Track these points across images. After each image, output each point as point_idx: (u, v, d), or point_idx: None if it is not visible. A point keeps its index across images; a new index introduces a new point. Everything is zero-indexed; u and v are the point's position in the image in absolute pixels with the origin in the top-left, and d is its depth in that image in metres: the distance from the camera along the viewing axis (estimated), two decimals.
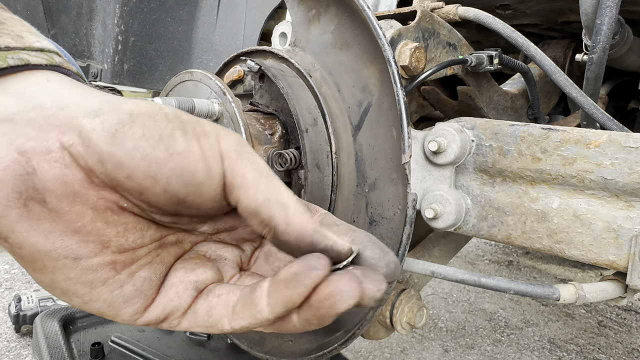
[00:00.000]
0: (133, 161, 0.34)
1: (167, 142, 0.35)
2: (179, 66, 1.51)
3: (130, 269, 0.39)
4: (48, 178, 0.33)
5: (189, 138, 0.36)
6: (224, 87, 0.66)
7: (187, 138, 0.36)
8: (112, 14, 1.52)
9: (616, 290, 0.69)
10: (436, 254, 1.00)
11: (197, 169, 0.36)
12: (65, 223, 0.35)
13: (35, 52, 0.37)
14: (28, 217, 0.34)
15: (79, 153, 0.34)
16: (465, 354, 2.14)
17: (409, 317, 0.79)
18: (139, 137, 0.34)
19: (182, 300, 0.41)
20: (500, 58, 0.88)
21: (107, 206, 0.37)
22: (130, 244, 0.39)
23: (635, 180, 0.63)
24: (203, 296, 0.41)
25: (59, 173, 0.34)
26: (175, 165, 0.35)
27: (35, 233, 0.34)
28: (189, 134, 0.36)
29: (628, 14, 1.11)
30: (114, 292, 0.38)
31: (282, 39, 0.84)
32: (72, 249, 0.36)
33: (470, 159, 0.77)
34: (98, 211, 0.36)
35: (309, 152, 0.67)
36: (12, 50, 0.35)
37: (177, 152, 0.35)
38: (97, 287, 0.37)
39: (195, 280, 0.42)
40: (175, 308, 0.41)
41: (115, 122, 0.34)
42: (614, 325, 2.47)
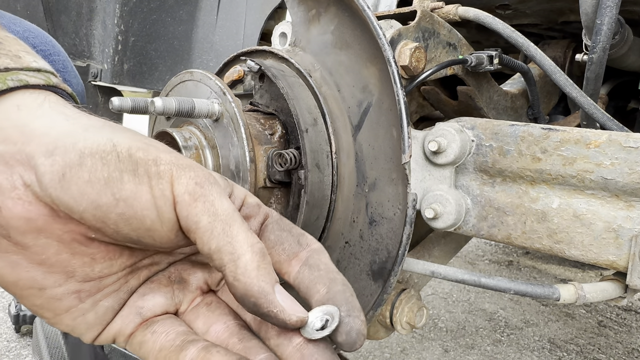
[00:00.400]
0: (80, 206, 0.34)
1: (114, 186, 0.34)
2: (179, 66, 1.51)
3: (95, 298, 0.40)
4: (12, 216, 0.34)
5: (139, 182, 0.35)
6: (224, 87, 0.66)
7: (136, 182, 0.35)
8: (112, 14, 1.52)
9: (616, 290, 0.69)
10: (436, 254, 1.00)
11: (146, 216, 0.35)
12: (30, 255, 0.36)
13: (33, 72, 0.37)
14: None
15: (37, 193, 0.34)
16: (465, 354, 2.14)
17: (409, 317, 0.79)
18: (84, 182, 0.34)
19: (124, 325, 0.41)
20: (500, 58, 0.88)
21: (73, 238, 0.37)
22: (96, 273, 0.39)
23: (635, 180, 0.63)
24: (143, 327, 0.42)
25: (22, 210, 0.34)
26: (121, 212, 0.35)
27: (3, 264, 0.35)
28: (140, 177, 0.35)
29: (628, 14, 1.11)
30: (76, 319, 0.39)
31: (282, 39, 0.84)
32: (37, 280, 0.37)
33: (470, 159, 0.77)
34: (64, 243, 0.37)
35: (309, 152, 0.67)
36: (11, 72, 0.36)
37: (122, 198, 0.34)
38: (60, 314, 0.39)
39: (141, 306, 0.42)
40: (118, 332, 0.41)
41: (63, 165, 0.34)
42: (614, 325, 2.47)
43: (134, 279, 0.42)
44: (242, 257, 0.35)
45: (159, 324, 0.41)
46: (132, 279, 0.42)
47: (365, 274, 0.70)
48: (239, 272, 0.35)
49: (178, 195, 0.36)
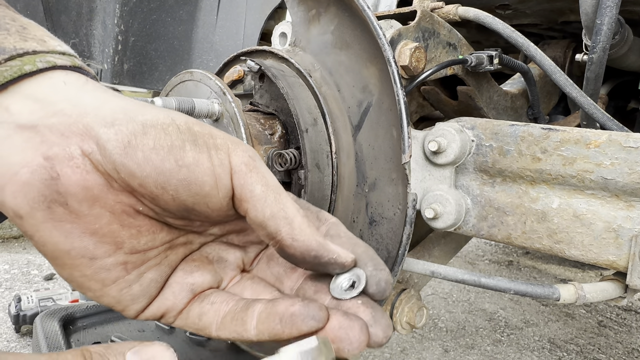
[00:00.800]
0: (144, 172, 0.36)
1: (177, 154, 0.37)
2: (179, 66, 1.51)
3: (140, 270, 0.41)
4: (70, 183, 0.35)
5: (199, 150, 0.37)
6: (224, 87, 0.66)
7: (197, 150, 0.37)
8: (112, 14, 1.52)
9: (616, 290, 0.69)
10: (436, 254, 1.00)
11: (205, 182, 0.38)
12: (84, 225, 0.37)
13: (59, 54, 0.39)
14: (51, 218, 0.36)
15: (97, 161, 0.36)
16: (465, 354, 2.14)
17: (409, 317, 0.79)
18: (149, 149, 0.36)
19: (177, 301, 0.43)
20: (500, 58, 0.88)
21: (123, 209, 0.39)
22: (142, 246, 0.41)
23: (635, 180, 0.63)
24: (198, 300, 0.43)
25: (80, 178, 0.36)
26: (183, 177, 0.37)
27: (57, 233, 0.36)
28: (200, 146, 0.38)
29: (628, 14, 1.11)
30: (122, 290, 0.41)
31: (282, 39, 0.84)
32: (89, 249, 0.38)
33: (470, 159, 0.77)
34: (115, 214, 0.38)
35: (309, 152, 0.68)
36: (39, 54, 0.38)
37: (185, 164, 0.37)
38: (108, 285, 0.40)
39: (192, 282, 0.44)
40: (170, 307, 0.43)
41: (128, 133, 0.36)
42: (614, 325, 2.47)
43: (173, 254, 0.44)
44: (295, 220, 0.39)
45: (214, 295, 0.43)
46: (172, 255, 0.44)
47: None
48: (296, 232, 0.38)
49: (235, 165, 0.38)
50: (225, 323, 0.41)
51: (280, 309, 0.38)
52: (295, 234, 0.39)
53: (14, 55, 0.36)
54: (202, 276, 0.44)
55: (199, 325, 0.42)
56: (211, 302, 0.42)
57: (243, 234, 0.47)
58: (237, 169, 0.39)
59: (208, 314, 0.42)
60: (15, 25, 0.39)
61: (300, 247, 0.39)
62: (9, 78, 0.36)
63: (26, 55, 0.37)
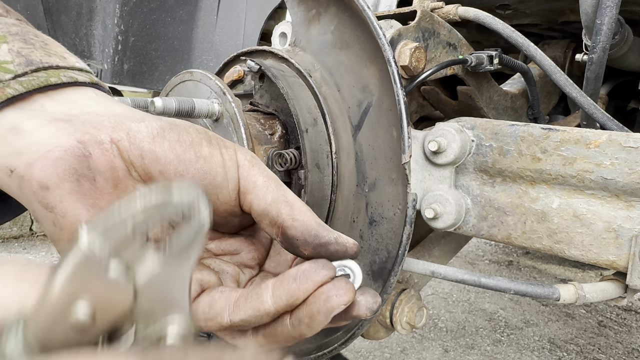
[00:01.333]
0: (167, 158, 0.40)
1: (196, 147, 0.42)
2: (179, 66, 1.51)
3: None
4: (100, 162, 0.39)
5: (213, 147, 0.43)
6: (223, 87, 0.66)
7: (211, 147, 0.43)
8: (112, 14, 1.52)
9: (616, 290, 0.69)
10: (436, 254, 1.00)
11: (218, 172, 0.42)
12: (106, 203, 0.40)
13: (78, 71, 0.44)
14: (77, 190, 0.38)
15: (124, 147, 0.39)
16: (465, 354, 2.14)
17: (409, 317, 0.79)
18: (175, 141, 0.41)
19: None
20: (500, 58, 0.88)
21: None
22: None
23: (635, 180, 0.63)
24: (206, 292, 0.44)
25: (108, 159, 0.39)
26: (200, 167, 0.41)
27: (80, 205, 0.38)
28: (213, 144, 0.43)
29: (628, 14, 1.11)
30: None
31: (282, 39, 0.84)
32: None
33: (470, 159, 0.77)
34: None
35: (309, 152, 0.67)
36: (62, 69, 0.42)
37: (202, 156, 0.42)
38: None
39: (201, 279, 0.44)
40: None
41: (157, 127, 0.41)
42: (614, 325, 2.47)
43: None
44: (296, 203, 0.42)
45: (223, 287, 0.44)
46: None
47: (365, 274, 0.70)
48: (296, 213, 0.41)
49: (240, 161, 0.43)
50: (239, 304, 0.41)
51: (292, 272, 0.39)
52: (295, 214, 0.41)
53: (40, 67, 0.41)
54: (209, 276, 0.45)
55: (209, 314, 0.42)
56: (220, 291, 0.43)
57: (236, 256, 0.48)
58: (242, 164, 0.43)
59: (219, 301, 0.42)
60: (38, 41, 0.44)
61: (300, 227, 0.40)
62: (36, 86, 0.40)
63: (50, 69, 0.42)
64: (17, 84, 0.40)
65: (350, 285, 0.38)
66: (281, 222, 0.41)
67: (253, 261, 0.48)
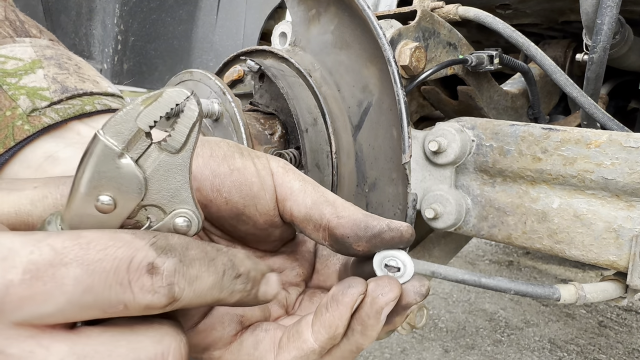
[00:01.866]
0: (203, 175, 0.40)
1: (229, 160, 0.41)
2: (178, 66, 1.51)
3: None
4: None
5: (245, 158, 0.42)
6: (223, 87, 0.66)
7: (243, 158, 0.42)
8: (112, 13, 1.51)
9: (616, 291, 0.68)
10: (436, 254, 1.00)
11: (253, 182, 0.41)
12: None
13: (110, 97, 0.45)
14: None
15: None
16: (466, 354, 2.14)
17: (409, 318, 0.78)
18: (208, 156, 0.40)
19: (226, 331, 0.41)
20: (500, 58, 0.88)
21: None
22: None
23: (636, 180, 0.63)
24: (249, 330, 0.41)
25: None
26: (235, 179, 0.41)
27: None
28: (245, 156, 0.42)
29: (628, 13, 1.11)
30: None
31: (282, 39, 0.84)
32: None
33: (471, 158, 0.77)
34: None
35: (309, 152, 0.67)
36: (95, 96, 0.43)
37: (236, 168, 0.41)
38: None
39: (242, 314, 0.42)
40: (218, 338, 0.41)
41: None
42: (614, 326, 2.47)
43: None
44: (337, 201, 0.40)
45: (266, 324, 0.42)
46: None
47: None
48: (339, 210, 0.40)
49: (274, 168, 0.42)
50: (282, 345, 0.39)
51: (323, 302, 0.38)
52: (339, 212, 0.39)
53: (75, 95, 0.42)
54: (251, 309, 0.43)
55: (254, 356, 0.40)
56: (265, 329, 0.41)
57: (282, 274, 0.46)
58: (276, 171, 0.42)
59: (264, 341, 0.40)
60: (72, 65, 0.44)
61: (347, 223, 0.39)
62: (72, 115, 0.40)
63: (85, 96, 0.42)
64: (53, 112, 0.40)
65: (394, 280, 0.37)
66: (326, 223, 0.39)
67: (298, 277, 0.47)
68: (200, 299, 0.31)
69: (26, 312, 0.26)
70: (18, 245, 0.27)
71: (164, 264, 0.28)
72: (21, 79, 0.41)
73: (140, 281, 0.28)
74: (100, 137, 0.30)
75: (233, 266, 0.33)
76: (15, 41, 0.43)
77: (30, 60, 0.42)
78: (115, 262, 0.27)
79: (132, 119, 0.30)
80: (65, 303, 0.27)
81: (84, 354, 0.28)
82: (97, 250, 0.27)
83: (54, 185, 0.33)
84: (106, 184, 0.30)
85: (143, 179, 0.31)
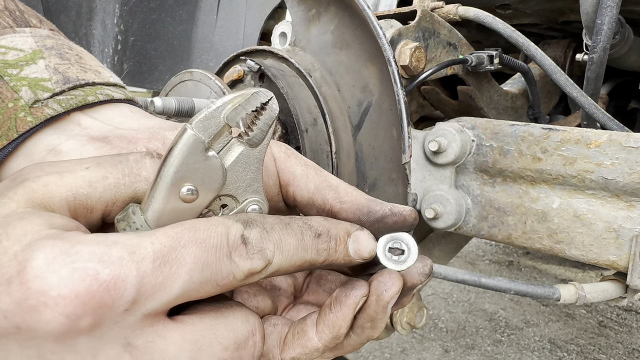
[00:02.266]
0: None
1: None
2: (178, 66, 1.51)
3: None
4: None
5: None
6: (223, 87, 0.66)
7: None
8: (112, 13, 1.51)
9: (617, 291, 0.68)
10: (436, 254, 1.00)
11: None
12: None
13: (113, 87, 0.44)
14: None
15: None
16: (466, 354, 2.14)
17: (409, 318, 0.78)
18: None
19: None
20: (500, 58, 0.88)
21: None
22: None
23: (636, 180, 0.63)
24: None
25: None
26: None
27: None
28: None
29: (628, 13, 1.11)
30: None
31: (282, 39, 0.84)
32: None
33: (471, 158, 0.77)
34: None
35: (309, 152, 0.67)
36: (97, 86, 0.43)
37: None
38: None
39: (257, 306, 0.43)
40: None
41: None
42: (614, 326, 2.47)
43: None
44: (340, 185, 0.40)
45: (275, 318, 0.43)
46: None
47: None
48: (341, 195, 0.40)
49: (276, 154, 0.42)
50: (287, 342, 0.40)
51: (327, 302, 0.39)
52: (341, 197, 0.39)
53: (77, 85, 0.41)
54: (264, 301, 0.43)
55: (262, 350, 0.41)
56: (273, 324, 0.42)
57: None
58: (277, 157, 0.42)
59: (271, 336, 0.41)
60: (73, 55, 0.44)
61: (350, 207, 0.39)
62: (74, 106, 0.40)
63: (87, 86, 0.42)
64: (56, 103, 0.40)
65: (395, 273, 0.37)
66: (329, 208, 0.40)
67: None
68: (291, 260, 0.33)
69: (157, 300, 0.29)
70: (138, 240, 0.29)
71: (250, 233, 0.32)
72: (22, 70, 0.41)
73: (238, 251, 0.31)
74: (189, 130, 0.32)
75: (310, 227, 0.35)
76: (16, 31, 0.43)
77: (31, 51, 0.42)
78: (219, 237, 0.30)
79: (219, 115, 0.32)
80: (189, 281, 0.29)
81: (194, 339, 0.31)
82: (203, 230, 0.30)
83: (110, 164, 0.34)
84: (192, 175, 0.32)
85: (224, 170, 0.34)
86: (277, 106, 0.35)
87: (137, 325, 0.29)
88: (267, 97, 0.34)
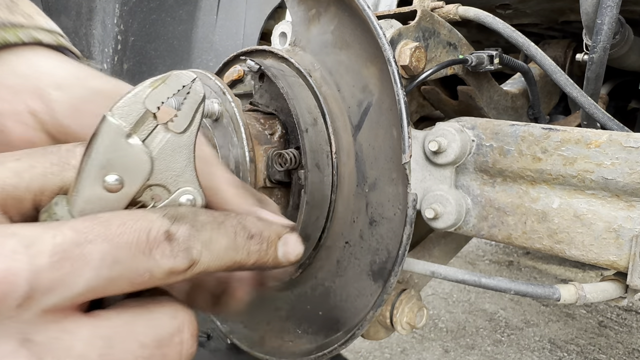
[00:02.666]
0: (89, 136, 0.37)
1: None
2: (178, 66, 1.51)
3: None
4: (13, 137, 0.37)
5: None
6: (223, 87, 0.66)
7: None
8: (112, 13, 1.51)
9: (617, 291, 0.68)
10: (436, 254, 1.00)
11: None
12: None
13: (44, 31, 0.41)
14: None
15: (45, 121, 0.37)
16: (466, 354, 2.14)
17: (409, 318, 0.78)
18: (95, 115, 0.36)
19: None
20: (500, 58, 0.88)
21: None
22: None
23: (636, 180, 0.63)
24: None
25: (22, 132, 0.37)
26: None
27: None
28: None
29: (628, 13, 1.11)
30: None
31: (282, 39, 0.84)
32: None
33: (471, 158, 0.77)
34: None
35: (309, 152, 0.67)
36: (24, 28, 0.40)
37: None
38: None
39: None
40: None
41: (75, 97, 0.38)
42: (614, 326, 2.47)
43: None
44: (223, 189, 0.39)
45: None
46: None
47: (366, 274, 0.69)
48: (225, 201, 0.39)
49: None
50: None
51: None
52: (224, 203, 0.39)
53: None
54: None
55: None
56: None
57: None
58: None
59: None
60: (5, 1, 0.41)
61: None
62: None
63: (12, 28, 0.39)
64: None
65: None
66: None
67: None
68: (219, 261, 0.32)
69: (57, 296, 0.27)
70: (39, 232, 0.27)
71: (178, 230, 0.30)
72: None
73: (160, 248, 0.29)
74: (108, 118, 0.30)
75: (244, 227, 0.34)
76: None
77: None
78: (136, 233, 0.29)
79: (140, 101, 0.31)
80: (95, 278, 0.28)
81: (107, 335, 0.29)
82: (117, 226, 0.28)
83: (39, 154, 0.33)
84: (114, 164, 0.31)
85: (150, 158, 0.32)
86: (201, 89, 0.33)
87: (35, 320, 0.27)
88: (189, 79, 0.33)
